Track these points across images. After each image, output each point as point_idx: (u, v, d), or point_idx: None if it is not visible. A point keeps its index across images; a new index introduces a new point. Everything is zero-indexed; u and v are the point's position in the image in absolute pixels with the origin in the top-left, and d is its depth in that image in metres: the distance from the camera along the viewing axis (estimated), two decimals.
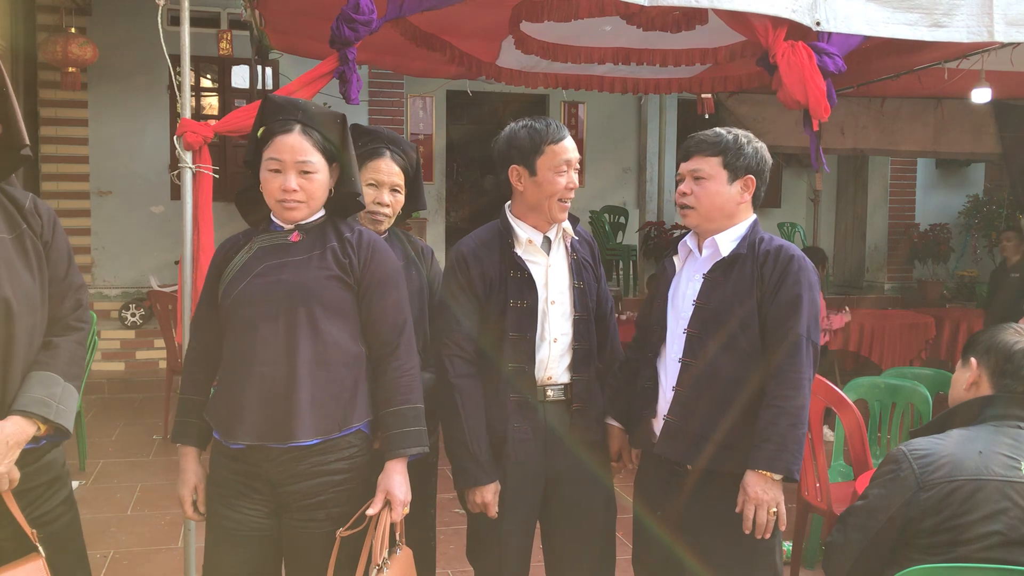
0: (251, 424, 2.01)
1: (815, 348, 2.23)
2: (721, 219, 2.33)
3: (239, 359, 2.06)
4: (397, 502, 2.06)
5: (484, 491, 2.32)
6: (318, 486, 2.05)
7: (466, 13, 3.67)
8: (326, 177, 2.12)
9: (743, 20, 2.98)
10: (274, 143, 2.08)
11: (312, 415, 2.02)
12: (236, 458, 2.07)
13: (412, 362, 2.15)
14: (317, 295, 2.05)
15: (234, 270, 2.11)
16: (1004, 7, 3.13)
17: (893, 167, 9.58)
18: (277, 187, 2.07)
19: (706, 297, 2.29)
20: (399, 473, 2.08)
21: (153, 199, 7.59)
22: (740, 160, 2.31)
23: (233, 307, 2.08)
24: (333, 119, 2.15)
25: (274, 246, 2.12)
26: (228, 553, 2.10)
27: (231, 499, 2.08)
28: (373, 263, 2.13)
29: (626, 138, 9.58)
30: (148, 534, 4.00)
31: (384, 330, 2.12)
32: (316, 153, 2.09)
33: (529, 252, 2.39)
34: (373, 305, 2.12)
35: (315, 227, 2.15)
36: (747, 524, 2.16)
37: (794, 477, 2.15)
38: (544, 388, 2.38)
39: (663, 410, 2.34)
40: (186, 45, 2.90)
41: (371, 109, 7.98)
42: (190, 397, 2.19)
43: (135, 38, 7.01)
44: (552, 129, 2.34)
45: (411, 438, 2.09)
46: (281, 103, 2.14)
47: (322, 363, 2.04)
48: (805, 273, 2.24)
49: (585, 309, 2.43)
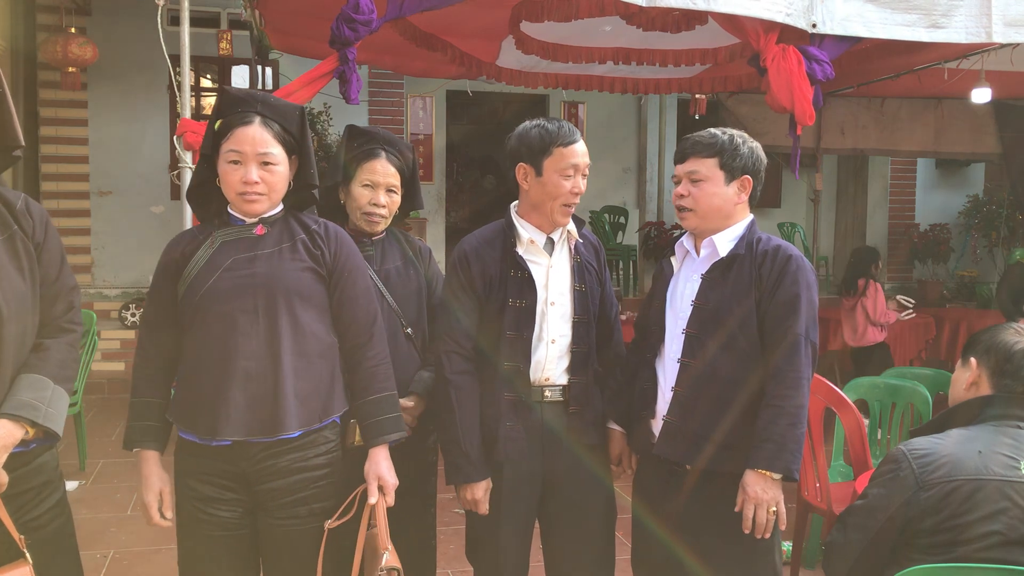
0: (238, 419, 1.99)
1: (814, 348, 2.23)
2: (719, 220, 2.33)
3: (216, 355, 2.02)
4: (389, 486, 2.10)
5: (475, 488, 2.33)
6: (298, 483, 2.04)
7: (466, 13, 3.68)
8: (286, 169, 2.11)
9: (736, 23, 2.99)
10: (234, 135, 2.05)
11: (297, 407, 2.02)
12: (212, 457, 2.04)
13: (385, 351, 2.19)
14: (294, 287, 2.05)
15: (197, 266, 2.07)
16: (1003, 8, 3.13)
17: (893, 167, 9.57)
18: (238, 179, 2.04)
19: (704, 297, 2.29)
20: (385, 459, 2.12)
21: (153, 199, 7.58)
22: (736, 161, 2.30)
23: (203, 302, 2.04)
24: (293, 111, 2.14)
25: (239, 240, 2.09)
26: (204, 553, 2.09)
27: (204, 499, 2.06)
28: (343, 254, 2.15)
29: (626, 138, 9.57)
30: (148, 534, 4.00)
31: (359, 319, 2.15)
32: (277, 145, 2.07)
33: (531, 252, 2.39)
34: (346, 295, 2.13)
35: (279, 220, 2.14)
36: (747, 523, 2.16)
37: (793, 476, 2.16)
38: (541, 389, 2.38)
39: (662, 411, 2.34)
40: (186, 45, 2.91)
41: (371, 109, 7.97)
42: (146, 399, 2.11)
43: (135, 38, 7.00)
44: (564, 132, 2.33)
45: (392, 424, 2.14)
46: (240, 95, 2.11)
47: (303, 355, 2.05)
48: (803, 273, 2.24)
49: (586, 312, 2.42)
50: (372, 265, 2.49)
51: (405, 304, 2.51)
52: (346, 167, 2.50)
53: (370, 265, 2.49)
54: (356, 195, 2.48)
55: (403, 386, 2.46)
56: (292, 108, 2.15)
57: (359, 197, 2.47)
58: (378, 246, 2.54)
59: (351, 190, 2.49)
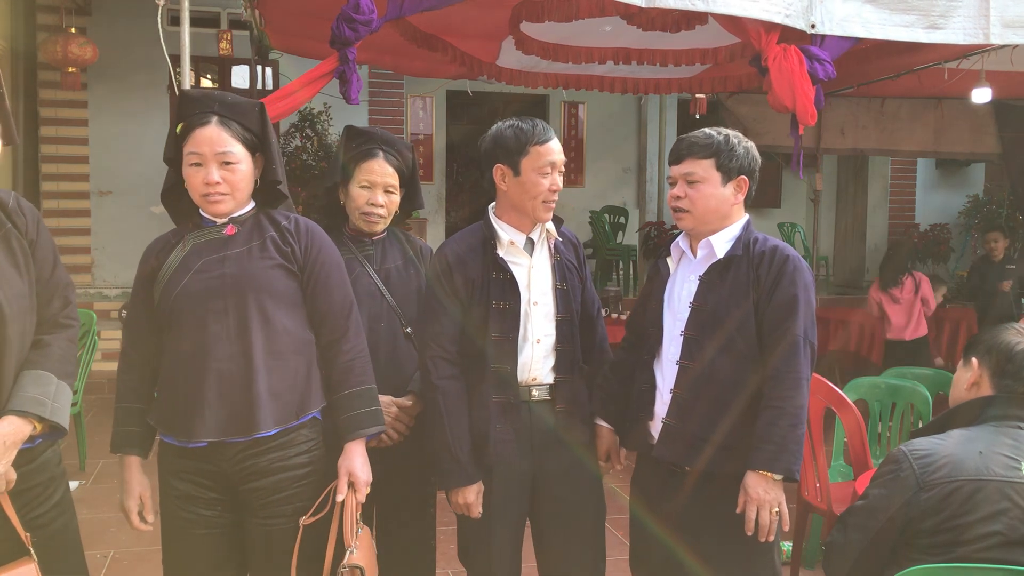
0: (212, 420, 2.00)
1: (813, 348, 2.23)
2: (716, 221, 2.32)
3: (190, 357, 2.03)
4: (360, 483, 2.07)
5: (466, 492, 2.31)
6: (280, 482, 2.04)
7: (466, 13, 3.68)
8: (249, 168, 2.10)
9: (737, 23, 2.99)
10: (193, 137, 2.04)
11: (271, 405, 2.01)
12: (192, 458, 2.05)
13: (362, 344, 2.16)
14: (264, 285, 2.04)
15: (170, 269, 2.07)
16: (1001, 9, 3.13)
17: (893, 167, 9.58)
18: (200, 181, 2.04)
19: (702, 299, 2.29)
20: (360, 455, 2.09)
21: (153, 199, 7.53)
22: (733, 161, 2.29)
23: (176, 306, 2.04)
24: (251, 108, 2.12)
25: (209, 241, 2.09)
26: (187, 551, 2.09)
27: (185, 498, 2.07)
28: (315, 248, 2.13)
29: (626, 138, 9.58)
30: (148, 534, 3.93)
31: (334, 313, 2.13)
32: (236, 143, 2.06)
33: (511, 253, 2.38)
34: (320, 289, 2.12)
35: (249, 218, 2.13)
36: (749, 525, 2.16)
37: (794, 477, 2.16)
38: (529, 388, 2.38)
39: (661, 413, 2.33)
40: (186, 45, 2.91)
41: (371, 109, 7.97)
42: (129, 405, 2.13)
43: (135, 38, 7.00)
44: (538, 130, 2.33)
45: (368, 418, 2.11)
46: (196, 96, 2.10)
47: (276, 353, 2.04)
48: (801, 273, 2.24)
49: (568, 310, 2.42)
50: (372, 264, 2.50)
51: (405, 304, 2.51)
52: (344, 167, 2.50)
53: (370, 264, 2.49)
54: (354, 195, 2.48)
55: (402, 385, 2.47)
56: (251, 105, 2.13)
57: (357, 197, 2.47)
58: (378, 246, 2.54)
59: (350, 190, 2.49)
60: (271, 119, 2.21)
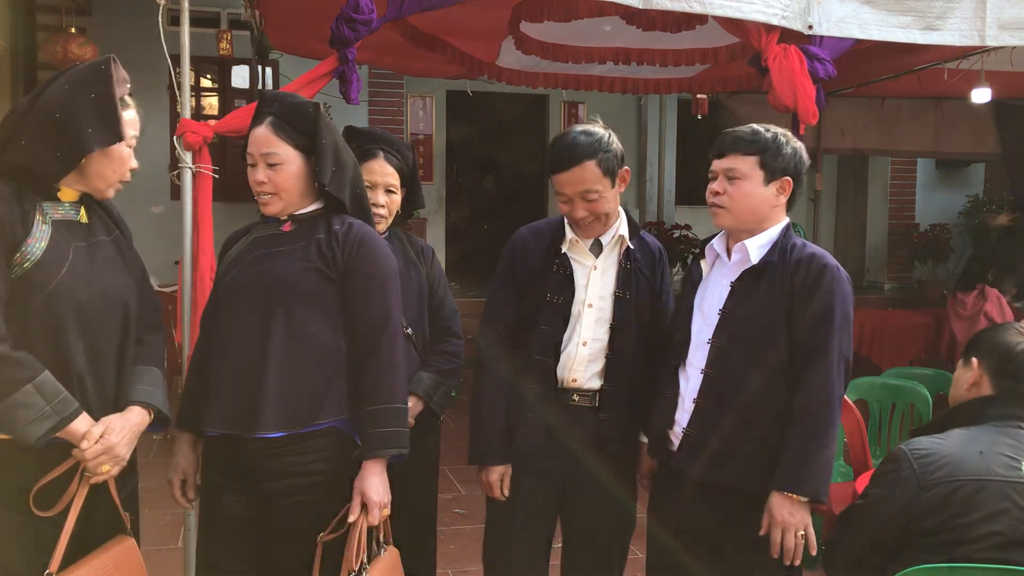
0: (220, 411, 2.04)
1: (847, 364, 2.12)
2: (753, 222, 2.20)
3: (216, 347, 2.09)
4: (373, 505, 2.00)
5: (490, 471, 2.36)
6: (294, 486, 2.04)
7: (466, 13, 3.67)
8: (298, 169, 2.09)
9: (737, 23, 2.99)
10: (249, 137, 2.10)
11: (276, 408, 2.00)
12: (216, 445, 2.10)
13: (395, 360, 2.07)
14: (295, 287, 2.04)
15: (230, 259, 2.15)
16: (997, 11, 3.14)
17: (893, 167, 9.57)
18: (252, 180, 2.09)
19: (733, 306, 2.18)
20: (375, 475, 2.02)
21: (153, 199, 7.57)
22: (778, 161, 2.17)
23: (218, 295, 2.13)
24: (305, 108, 2.11)
25: (267, 236, 2.13)
26: (216, 542, 2.12)
27: (215, 486, 2.11)
28: (358, 256, 2.06)
29: (626, 138, 9.47)
30: (148, 534, 3.96)
31: (363, 325, 2.06)
32: (283, 145, 2.07)
33: (575, 251, 2.37)
34: (356, 300, 2.07)
35: (308, 218, 2.13)
36: (775, 548, 2.06)
37: (821, 500, 2.03)
38: (570, 391, 2.35)
39: (682, 422, 2.23)
40: (186, 45, 2.90)
41: (371, 109, 7.97)
42: (193, 385, 2.21)
43: (135, 38, 6.96)
44: (550, 158, 2.28)
45: (389, 439, 2.03)
46: (265, 97, 2.14)
47: (293, 356, 2.02)
48: (839, 284, 2.12)
49: (625, 319, 2.34)
50: None
51: (406, 304, 2.49)
52: None
53: None
54: None
55: None
56: (305, 106, 2.12)
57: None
58: None
59: None
60: None
